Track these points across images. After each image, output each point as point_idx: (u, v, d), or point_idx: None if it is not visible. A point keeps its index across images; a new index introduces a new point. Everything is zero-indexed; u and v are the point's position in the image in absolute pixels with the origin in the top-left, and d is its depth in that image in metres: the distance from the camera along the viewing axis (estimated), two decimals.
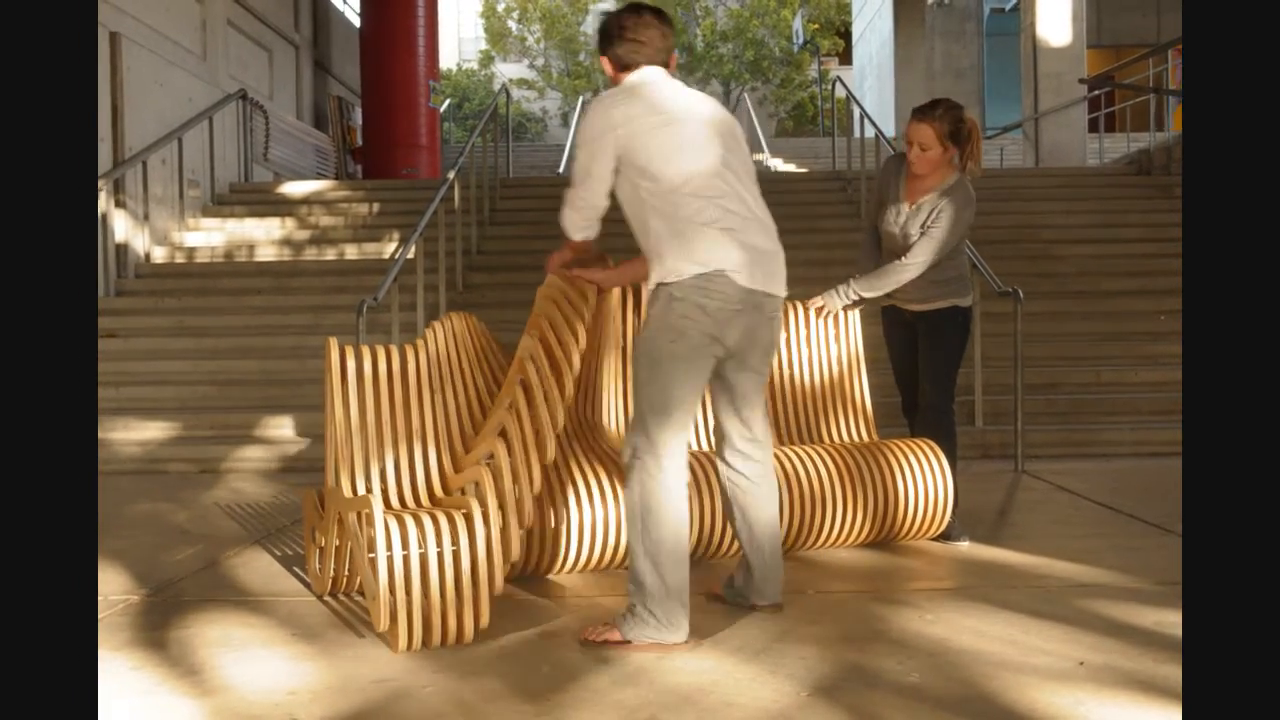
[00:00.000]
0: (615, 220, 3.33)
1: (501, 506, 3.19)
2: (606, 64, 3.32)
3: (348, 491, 3.53)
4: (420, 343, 3.85)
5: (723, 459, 3.35)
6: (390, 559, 3.03)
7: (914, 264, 4.26)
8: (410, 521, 3.11)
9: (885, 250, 4.45)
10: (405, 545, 3.06)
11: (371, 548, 3.09)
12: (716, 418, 3.36)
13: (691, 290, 3.06)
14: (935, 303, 4.36)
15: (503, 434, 3.34)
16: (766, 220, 3.24)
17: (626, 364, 4.12)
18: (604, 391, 4.15)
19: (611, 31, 3.28)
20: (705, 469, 3.96)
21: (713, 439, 3.42)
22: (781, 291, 3.24)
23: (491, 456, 3.34)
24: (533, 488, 3.22)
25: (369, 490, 3.55)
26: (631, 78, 3.24)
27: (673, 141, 3.11)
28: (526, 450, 3.25)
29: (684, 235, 3.07)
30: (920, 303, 4.39)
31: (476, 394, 3.87)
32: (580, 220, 3.30)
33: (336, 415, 3.60)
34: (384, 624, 3.04)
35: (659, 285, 3.12)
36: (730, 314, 3.09)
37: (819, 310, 4.54)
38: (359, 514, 3.23)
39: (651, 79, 3.23)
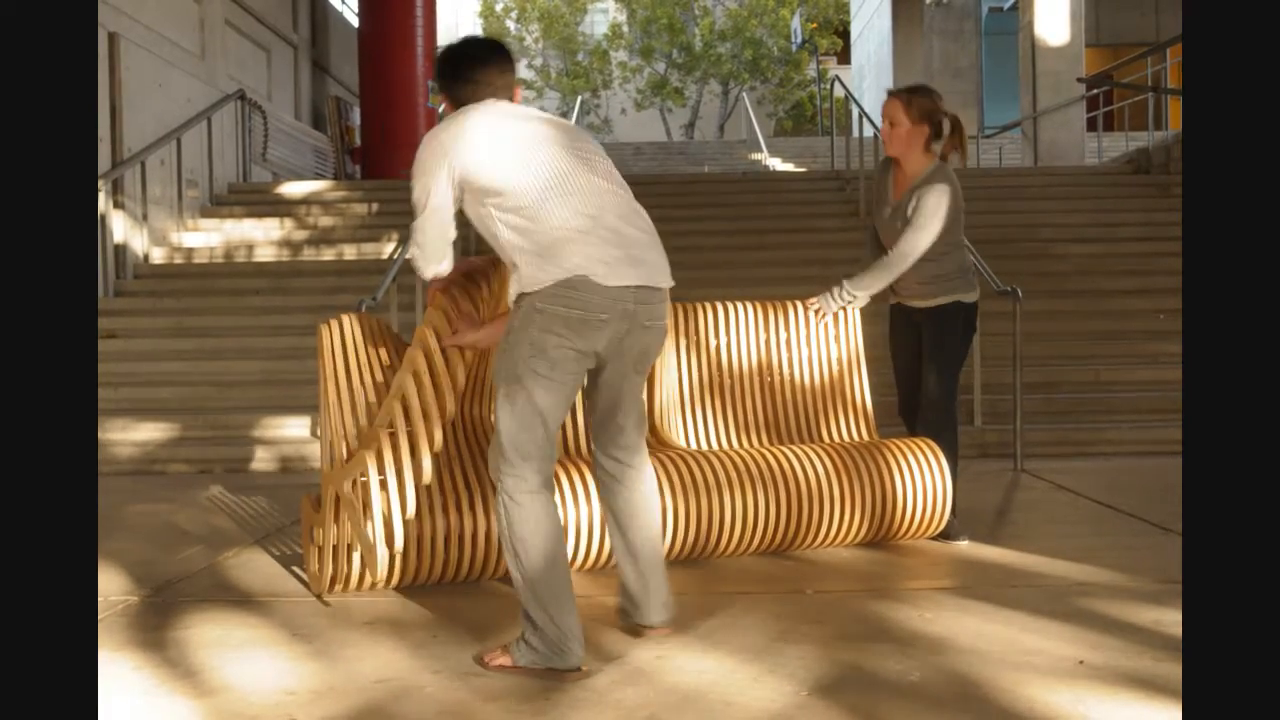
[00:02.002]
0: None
1: (398, 470, 3.17)
2: (445, 100, 3.16)
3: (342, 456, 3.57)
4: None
5: (596, 460, 3.18)
6: (387, 513, 3.13)
7: (901, 255, 4.27)
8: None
9: (885, 242, 4.46)
10: (402, 491, 3.16)
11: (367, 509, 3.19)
12: (588, 416, 3.22)
13: (553, 299, 2.84)
14: (938, 299, 4.36)
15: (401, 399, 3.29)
16: (630, 209, 3.02)
17: None
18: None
19: (444, 71, 3.15)
20: (698, 468, 3.96)
21: (590, 435, 3.26)
22: (663, 283, 3.00)
23: (363, 477, 3.29)
24: (432, 446, 3.13)
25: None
26: (465, 107, 3.07)
27: (511, 153, 2.93)
28: (426, 409, 3.18)
29: (540, 243, 2.87)
30: (924, 299, 4.39)
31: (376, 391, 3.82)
32: (430, 253, 3.09)
33: (329, 394, 3.63)
34: (380, 575, 3.25)
35: (520, 295, 2.91)
36: (596, 324, 2.87)
37: (817, 313, 4.54)
38: (354, 481, 3.28)
39: (484, 107, 3.05)
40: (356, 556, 3.49)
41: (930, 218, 4.23)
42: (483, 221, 2.99)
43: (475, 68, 3.11)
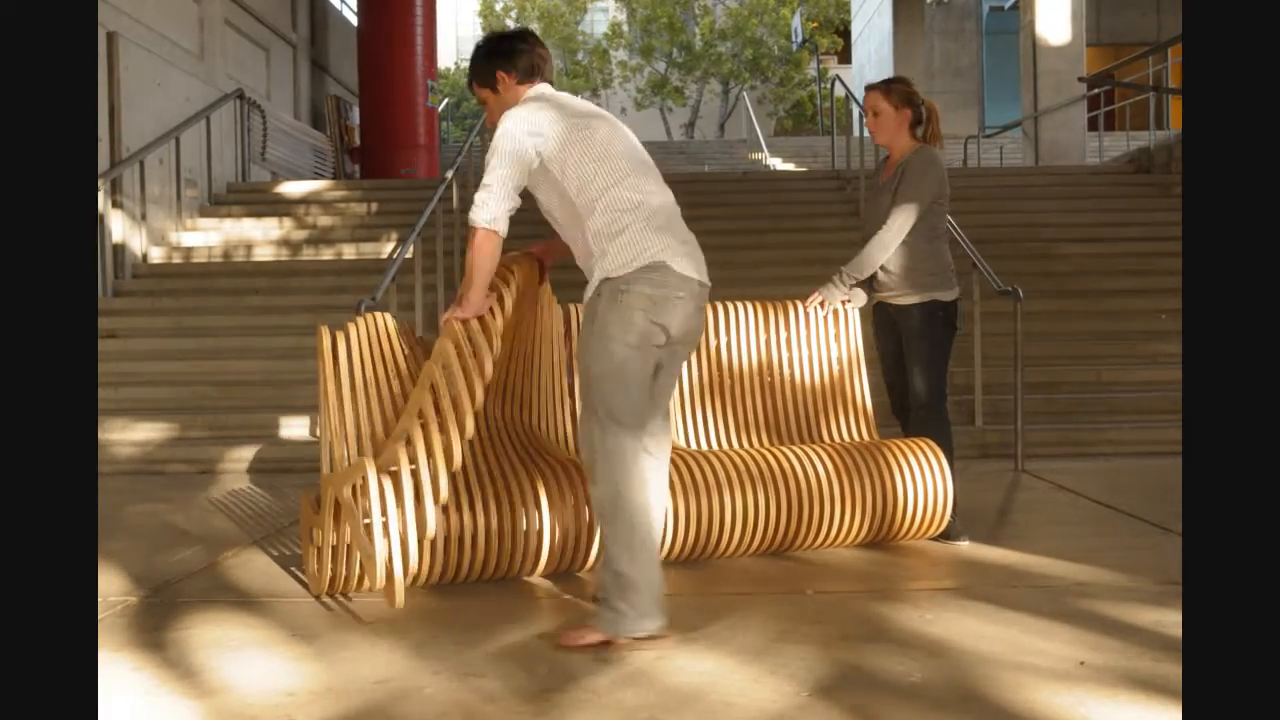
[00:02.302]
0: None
1: (416, 483, 3.18)
2: (503, 78, 3.44)
3: (342, 463, 3.56)
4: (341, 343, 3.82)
5: None
6: (386, 520, 3.10)
7: (889, 231, 4.30)
8: (406, 477, 3.15)
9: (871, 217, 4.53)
10: (400, 500, 3.13)
11: (367, 513, 3.15)
12: None
13: (638, 281, 3.13)
14: (916, 297, 4.35)
15: (419, 414, 3.31)
16: (677, 210, 3.36)
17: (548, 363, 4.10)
18: (540, 393, 4.09)
19: (514, 47, 3.44)
20: (701, 467, 3.96)
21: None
22: (708, 281, 3.32)
23: (395, 470, 3.30)
24: (450, 463, 3.17)
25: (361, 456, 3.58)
26: (537, 88, 3.42)
27: (598, 142, 3.25)
28: (445, 423, 3.21)
29: (623, 230, 3.17)
30: (902, 298, 4.39)
31: (391, 395, 3.82)
32: (494, 211, 3.33)
33: (330, 398, 3.61)
34: (379, 583, 3.16)
35: (604, 280, 3.17)
36: (675, 301, 3.16)
37: (821, 304, 4.54)
38: (354, 486, 3.25)
39: (553, 90, 3.43)
40: (357, 557, 3.49)
41: (913, 192, 4.28)
42: (565, 209, 3.29)
43: (536, 43, 3.46)
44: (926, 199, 4.29)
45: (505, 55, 3.43)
